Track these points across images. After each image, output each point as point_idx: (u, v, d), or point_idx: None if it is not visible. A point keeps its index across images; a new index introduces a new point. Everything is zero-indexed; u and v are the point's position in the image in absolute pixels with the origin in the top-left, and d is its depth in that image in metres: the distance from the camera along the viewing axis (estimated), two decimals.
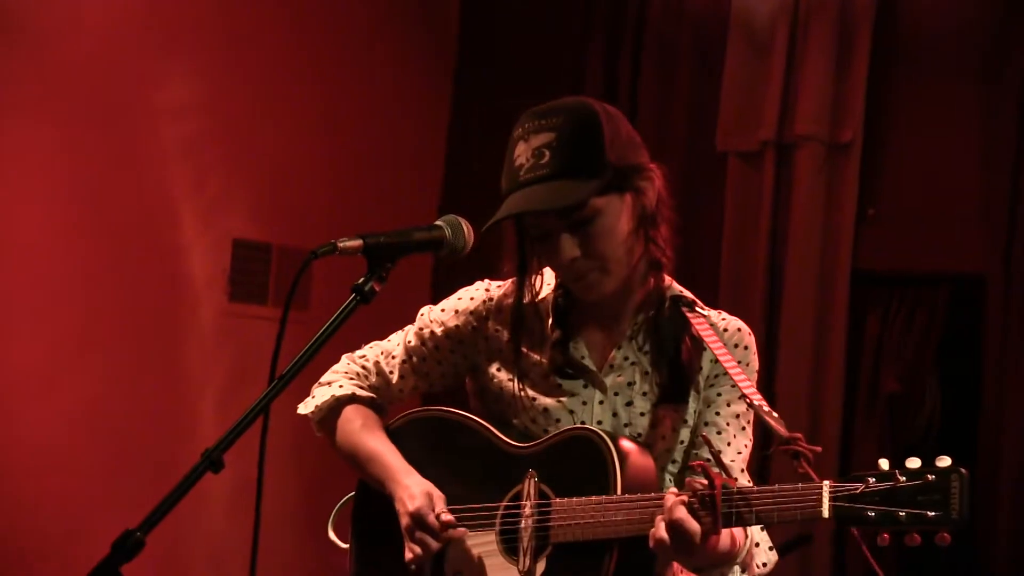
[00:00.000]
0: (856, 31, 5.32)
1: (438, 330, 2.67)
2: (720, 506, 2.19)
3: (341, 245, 2.17)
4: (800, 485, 2.16)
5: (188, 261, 5.18)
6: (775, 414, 2.31)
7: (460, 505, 2.53)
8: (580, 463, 2.42)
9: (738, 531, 2.37)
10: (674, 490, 2.30)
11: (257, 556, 2.09)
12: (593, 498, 2.37)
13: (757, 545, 2.47)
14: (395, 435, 2.69)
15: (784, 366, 5.28)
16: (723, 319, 2.57)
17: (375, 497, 2.63)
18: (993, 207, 5.11)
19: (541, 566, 2.43)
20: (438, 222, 2.33)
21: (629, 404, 2.54)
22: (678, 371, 2.53)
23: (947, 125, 5.31)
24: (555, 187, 2.39)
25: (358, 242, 2.19)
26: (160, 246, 5.09)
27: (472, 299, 2.68)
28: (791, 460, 2.21)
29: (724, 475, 2.24)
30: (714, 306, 2.61)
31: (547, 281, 2.62)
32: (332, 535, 2.73)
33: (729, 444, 2.53)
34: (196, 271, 5.20)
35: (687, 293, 2.59)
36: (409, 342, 2.72)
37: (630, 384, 2.54)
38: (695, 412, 2.54)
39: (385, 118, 5.88)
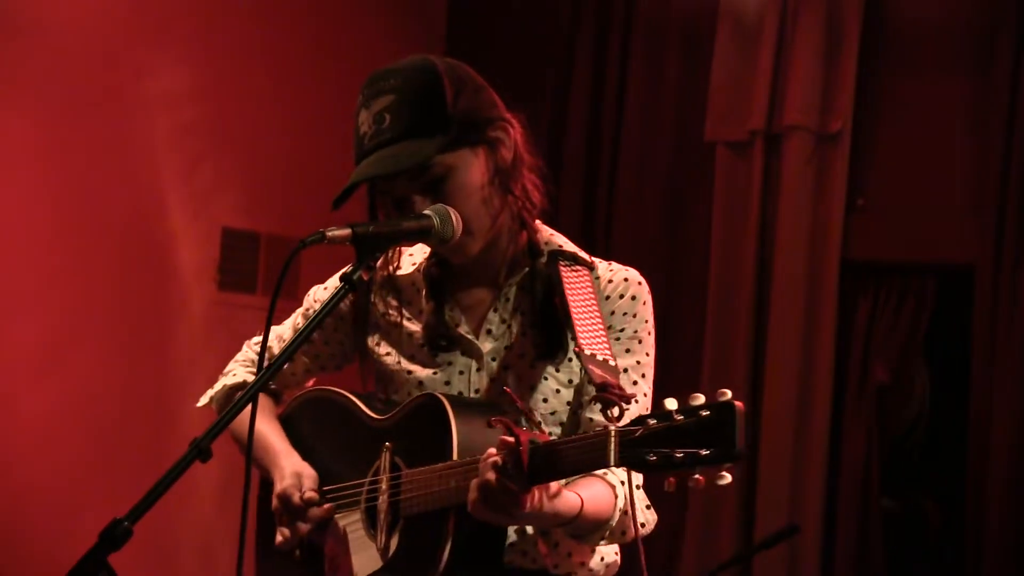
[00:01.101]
0: (845, 21, 5.32)
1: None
2: (526, 462, 2.10)
3: (330, 234, 2.16)
4: (592, 432, 2.09)
5: (177, 250, 5.17)
6: (612, 363, 2.24)
7: (334, 484, 2.49)
8: (426, 430, 2.35)
9: (603, 494, 2.31)
10: (492, 450, 2.17)
11: (245, 545, 2.09)
12: (434, 466, 2.30)
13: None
14: (290, 416, 2.66)
15: (773, 356, 5.28)
16: (611, 270, 2.48)
17: (267, 485, 2.59)
18: (982, 197, 5.12)
19: (395, 541, 2.37)
20: (427, 211, 2.31)
21: (507, 368, 2.44)
22: (555, 329, 2.42)
23: (936, 115, 5.32)
24: (398, 149, 2.33)
25: (347, 231, 2.18)
26: (149, 235, 5.08)
27: None
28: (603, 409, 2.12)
29: (535, 430, 2.16)
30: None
31: (423, 249, 2.56)
32: None
33: None
34: (185, 260, 5.20)
35: (568, 246, 2.50)
36: (297, 324, 2.68)
37: (507, 347, 2.45)
38: (582, 371, 2.39)
39: None
